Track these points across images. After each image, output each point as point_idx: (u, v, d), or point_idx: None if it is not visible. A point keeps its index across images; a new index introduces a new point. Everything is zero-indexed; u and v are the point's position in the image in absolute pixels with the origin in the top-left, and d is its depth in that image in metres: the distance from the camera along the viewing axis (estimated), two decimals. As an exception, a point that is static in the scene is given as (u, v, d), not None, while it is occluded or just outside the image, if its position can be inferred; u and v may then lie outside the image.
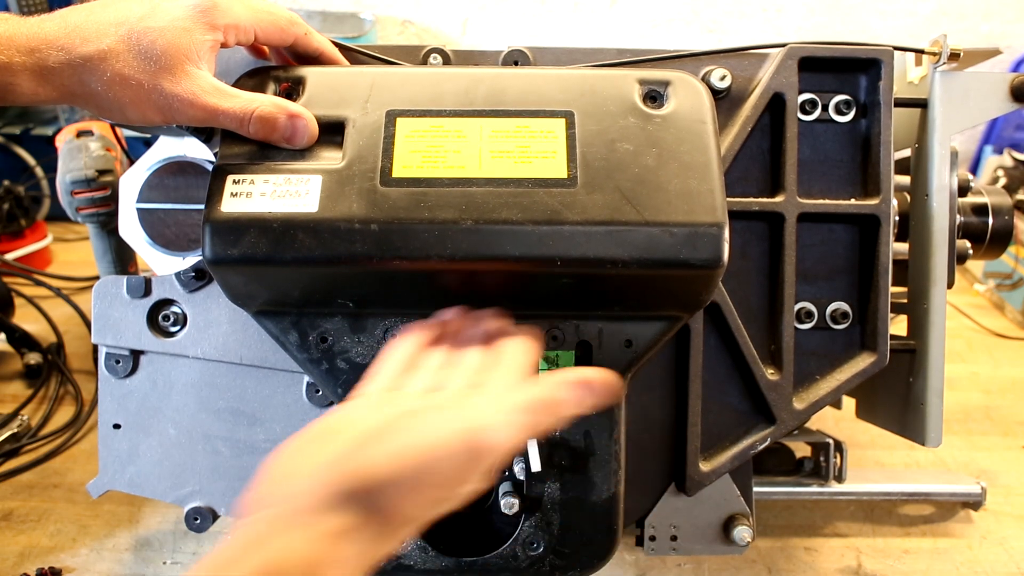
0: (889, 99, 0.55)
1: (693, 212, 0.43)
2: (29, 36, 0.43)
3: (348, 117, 0.46)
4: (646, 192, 0.44)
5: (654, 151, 0.45)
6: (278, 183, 0.44)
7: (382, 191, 0.44)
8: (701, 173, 0.45)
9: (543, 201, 0.44)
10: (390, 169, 0.44)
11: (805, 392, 0.57)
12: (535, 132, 0.46)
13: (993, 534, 0.71)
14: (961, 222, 0.61)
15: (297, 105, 0.46)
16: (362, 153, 0.45)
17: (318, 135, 0.46)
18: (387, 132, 0.46)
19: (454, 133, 0.46)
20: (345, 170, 0.45)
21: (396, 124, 0.46)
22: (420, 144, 0.45)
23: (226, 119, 0.45)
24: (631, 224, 0.43)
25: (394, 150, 0.45)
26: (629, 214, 0.43)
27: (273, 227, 0.43)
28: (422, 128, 0.46)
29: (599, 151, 0.45)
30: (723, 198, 0.44)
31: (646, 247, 0.43)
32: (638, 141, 0.46)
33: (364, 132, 0.46)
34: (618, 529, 0.51)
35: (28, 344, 0.88)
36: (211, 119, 0.45)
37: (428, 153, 0.45)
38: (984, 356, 1.02)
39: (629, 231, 0.43)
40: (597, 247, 0.43)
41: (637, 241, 0.43)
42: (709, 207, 0.44)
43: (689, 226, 0.43)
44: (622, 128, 0.46)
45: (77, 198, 0.73)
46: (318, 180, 0.44)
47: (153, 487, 0.56)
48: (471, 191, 0.44)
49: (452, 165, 0.45)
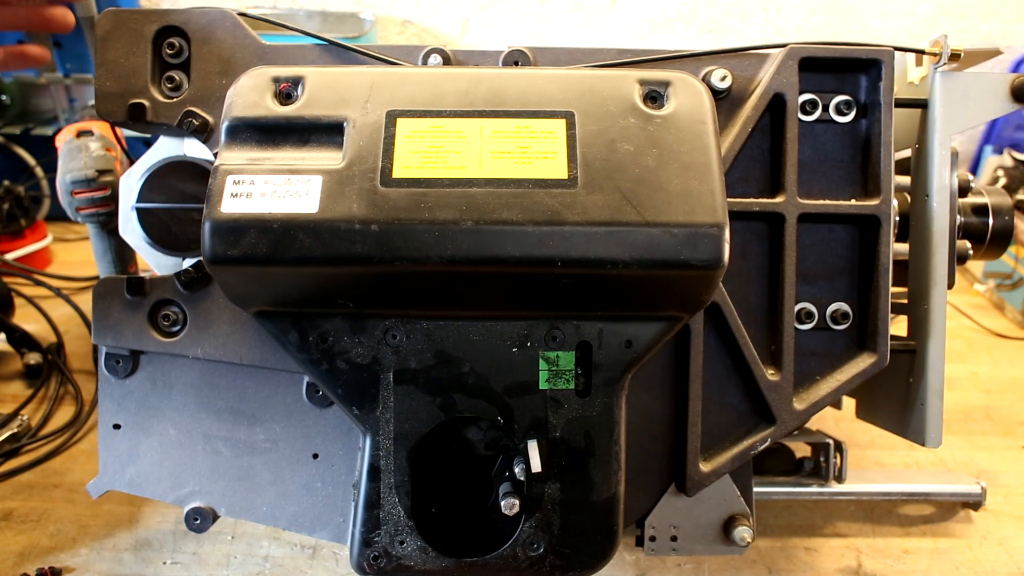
0: (889, 99, 0.55)
1: (694, 213, 0.43)
2: None
3: (348, 117, 0.46)
4: (646, 193, 0.44)
5: (654, 151, 0.45)
6: (278, 183, 0.44)
7: (382, 191, 0.44)
8: (701, 174, 0.45)
9: (544, 202, 0.44)
10: (390, 169, 0.44)
11: (805, 392, 0.57)
12: (535, 132, 0.46)
13: (993, 534, 0.72)
14: (961, 222, 0.61)
15: None
16: (362, 153, 0.45)
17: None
18: (387, 132, 0.46)
19: (454, 133, 0.46)
20: (345, 170, 0.44)
21: (396, 124, 0.46)
22: (420, 144, 0.45)
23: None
24: (632, 225, 0.43)
25: (394, 150, 0.45)
26: (630, 215, 0.43)
27: (273, 227, 0.43)
28: (422, 128, 0.46)
29: (599, 152, 0.45)
30: (723, 199, 0.44)
31: (647, 248, 0.43)
32: (638, 141, 0.46)
33: (364, 132, 0.46)
34: (618, 529, 0.51)
35: (28, 344, 0.88)
36: None
37: (428, 154, 0.45)
38: (984, 356, 1.02)
39: (630, 232, 0.43)
40: (598, 248, 0.43)
41: (638, 242, 0.43)
42: (710, 208, 0.44)
43: (690, 227, 0.43)
44: (622, 128, 0.46)
45: (77, 198, 0.73)
46: (318, 180, 0.44)
47: (153, 487, 0.56)
48: (471, 192, 0.44)
49: (452, 166, 0.45)
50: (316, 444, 0.55)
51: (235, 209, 0.44)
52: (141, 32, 0.54)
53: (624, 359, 0.49)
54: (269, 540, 0.67)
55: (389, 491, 0.50)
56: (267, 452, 0.56)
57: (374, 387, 0.49)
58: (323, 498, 0.56)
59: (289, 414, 0.55)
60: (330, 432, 0.55)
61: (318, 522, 0.56)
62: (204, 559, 0.65)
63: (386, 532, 0.49)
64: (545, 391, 0.50)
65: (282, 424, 0.55)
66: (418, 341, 0.49)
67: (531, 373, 0.49)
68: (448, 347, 0.49)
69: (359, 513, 0.50)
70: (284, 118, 0.47)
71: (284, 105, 0.47)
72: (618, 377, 0.50)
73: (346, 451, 0.55)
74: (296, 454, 0.56)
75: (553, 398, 0.50)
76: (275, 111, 0.47)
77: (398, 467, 0.50)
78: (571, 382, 0.50)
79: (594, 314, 0.49)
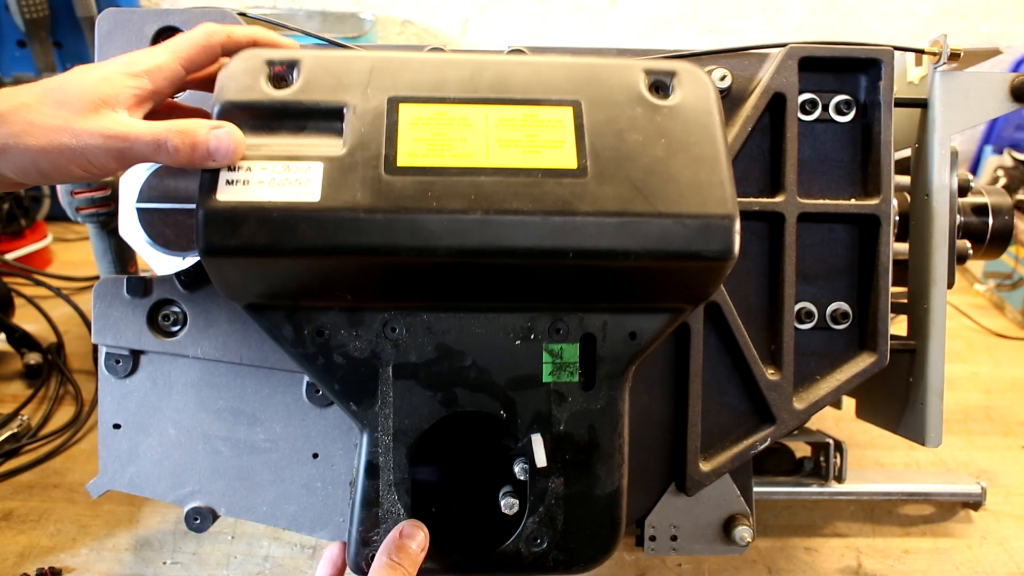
0: (889, 99, 0.55)
1: (704, 204, 0.43)
2: None
3: (348, 103, 0.44)
4: (657, 183, 0.43)
5: (663, 142, 0.44)
6: (277, 171, 0.43)
7: (387, 180, 0.42)
8: (710, 164, 0.44)
9: (554, 192, 0.43)
10: (395, 157, 0.43)
11: (805, 392, 0.57)
12: (542, 121, 0.45)
13: (993, 534, 0.72)
14: (961, 222, 0.61)
15: (218, 120, 0.44)
16: (364, 140, 0.43)
17: (244, 146, 0.43)
18: (390, 119, 0.44)
19: (459, 121, 0.45)
20: (347, 158, 0.43)
21: (399, 111, 0.44)
22: (425, 132, 0.44)
23: (141, 144, 0.42)
24: (644, 215, 0.42)
25: (398, 138, 0.44)
26: (641, 205, 0.43)
27: (273, 216, 0.41)
28: (426, 115, 0.45)
29: (608, 141, 0.44)
30: (733, 190, 0.44)
31: (658, 239, 0.43)
32: (646, 131, 0.45)
33: (365, 119, 0.44)
34: (621, 523, 0.51)
35: (28, 344, 0.88)
36: (125, 148, 0.42)
37: (433, 141, 0.44)
38: (984, 356, 1.02)
39: (642, 223, 0.42)
40: (610, 239, 0.42)
41: (650, 233, 0.42)
42: (720, 199, 0.43)
43: (701, 218, 0.43)
44: (630, 118, 0.45)
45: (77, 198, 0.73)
46: (319, 168, 0.43)
47: (153, 487, 0.56)
48: (479, 180, 0.43)
49: (459, 154, 0.43)
50: (316, 444, 0.55)
51: (232, 197, 0.42)
52: (141, 32, 0.54)
53: (628, 351, 0.49)
54: (269, 540, 0.67)
55: (388, 489, 0.49)
56: (267, 452, 0.56)
57: (373, 382, 0.48)
58: (323, 498, 0.56)
59: (289, 414, 0.55)
60: (330, 432, 0.55)
61: (318, 522, 0.56)
62: (204, 559, 0.65)
63: (385, 531, 0.49)
64: (549, 384, 0.49)
65: (282, 424, 0.55)
66: (418, 334, 0.48)
67: (534, 366, 0.49)
68: (449, 340, 0.48)
69: (357, 511, 0.49)
70: (280, 102, 0.45)
71: (279, 89, 0.45)
72: (622, 370, 0.49)
73: (346, 451, 0.55)
74: (296, 454, 0.56)
75: (557, 391, 0.49)
76: (270, 95, 0.45)
77: (398, 464, 0.49)
78: (575, 375, 0.49)
79: (599, 306, 0.48)
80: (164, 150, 0.42)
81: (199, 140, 0.42)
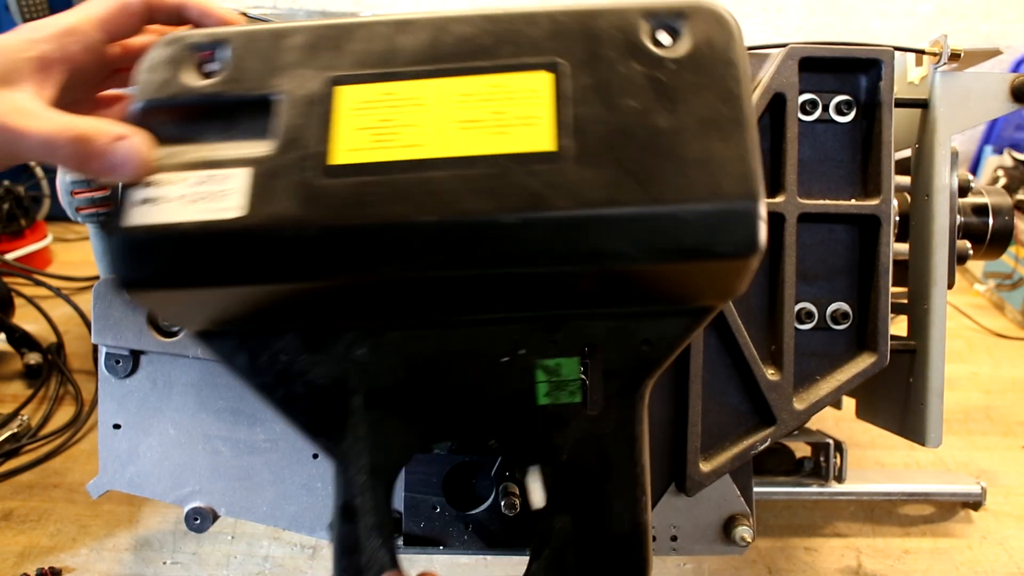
0: (889, 99, 0.55)
1: (717, 185, 0.34)
2: None
3: (282, 89, 0.37)
4: (656, 163, 0.35)
5: (666, 107, 0.36)
6: (195, 182, 0.36)
7: (320, 184, 0.35)
8: (728, 131, 0.35)
9: (522, 183, 0.34)
10: (331, 154, 0.35)
11: (805, 392, 0.57)
12: (513, 92, 0.36)
13: (993, 534, 0.72)
14: (961, 222, 0.61)
15: (128, 127, 0.36)
16: (296, 136, 0.36)
17: (151, 159, 0.36)
18: (325, 106, 0.36)
19: (411, 100, 0.37)
20: (277, 159, 0.36)
21: (337, 95, 0.37)
22: (368, 120, 0.36)
23: (30, 144, 0.34)
24: (635, 206, 0.34)
25: (336, 129, 0.36)
26: (633, 194, 0.34)
27: (189, 240, 0.35)
28: (371, 97, 0.37)
29: (595, 112, 0.36)
30: (758, 163, 0.35)
31: (657, 235, 0.34)
32: (645, 94, 0.36)
33: (299, 107, 0.37)
34: (647, 564, 0.42)
35: (28, 344, 0.88)
36: (13, 145, 0.34)
37: (379, 130, 0.36)
38: (984, 356, 1.02)
39: (633, 216, 0.34)
40: (594, 240, 0.34)
41: (644, 229, 0.34)
42: (738, 176, 0.34)
43: (712, 202, 0.34)
44: (625, 79, 0.36)
45: (77, 198, 0.73)
46: (245, 175, 0.35)
47: (153, 487, 0.56)
48: (431, 177, 0.35)
49: (408, 144, 0.36)
50: (316, 444, 0.55)
51: (144, 220, 0.35)
52: (141, 32, 0.54)
53: (642, 362, 0.41)
54: (269, 540, 0.67)
55: (369, 533, 0.41)
56: (267, 452, 0.56)
57: (341, 413, 0.41)
58: (323, 498, 0.56)
59: (289, 414, 0.55)
60: (330, 432, 0.55)
61: (318, 522, 0.56)
62: (204, 559, 0.65)
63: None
64: (545, 407, 0.41)
65: (282, 424, 0.55)
66: (388, 355, 0.40)
67: (526, 386, 0.41)
68: (423, 361, 0.41)
69: (336, 560, 0.41)
70: (204, 96, 0.38)
71: (207, 79, 0.38)
72: (636, 385, 0.41)
73: (346, 451, 0.55)
74: (296, 454, 0.56)
75: (556, 414, 0.41)
76: (191, 87, 0.38)
77: (377, 506, 0.41)
78: (576, 394, 0.41)
79: (601, 311, 0.40)
80: (53, 156, 0.35)
81: (94, 151, 0.35)
